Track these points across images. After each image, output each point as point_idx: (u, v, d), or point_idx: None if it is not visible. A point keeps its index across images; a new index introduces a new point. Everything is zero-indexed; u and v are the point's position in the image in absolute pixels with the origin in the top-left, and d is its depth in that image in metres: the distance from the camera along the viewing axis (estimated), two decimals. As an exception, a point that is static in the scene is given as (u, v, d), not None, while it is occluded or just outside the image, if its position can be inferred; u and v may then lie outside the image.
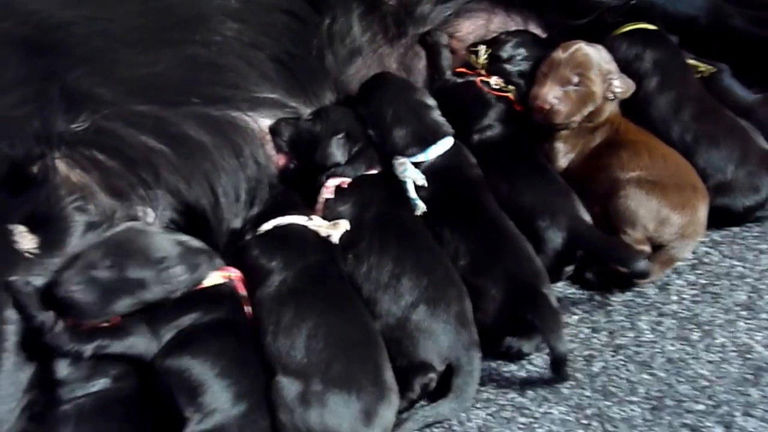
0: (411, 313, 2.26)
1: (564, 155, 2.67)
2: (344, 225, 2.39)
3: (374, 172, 2.56)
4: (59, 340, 2.00)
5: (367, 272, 2.33)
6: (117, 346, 2.05)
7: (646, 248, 2.49)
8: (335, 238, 2.36)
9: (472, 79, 2.82)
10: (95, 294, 2.06)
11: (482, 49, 2.88)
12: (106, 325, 2.08)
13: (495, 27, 3.00)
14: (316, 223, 2.40)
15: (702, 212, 2.55)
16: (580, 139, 2.67)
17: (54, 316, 2.01)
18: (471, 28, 3.00)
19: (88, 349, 2.02)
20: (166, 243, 2.19)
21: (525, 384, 2.34)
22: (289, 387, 2.07)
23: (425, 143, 2.59)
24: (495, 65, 2.84)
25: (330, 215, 2.45)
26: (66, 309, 2.04)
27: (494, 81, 2.78)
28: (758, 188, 2.64)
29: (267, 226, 2.40)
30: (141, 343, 2.07)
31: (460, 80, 2.85)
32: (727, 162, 2.65)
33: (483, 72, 2.83)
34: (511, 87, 2.77)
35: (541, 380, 2.33)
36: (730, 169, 2.64)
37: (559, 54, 2.64)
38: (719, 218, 2.66)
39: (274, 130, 2.60)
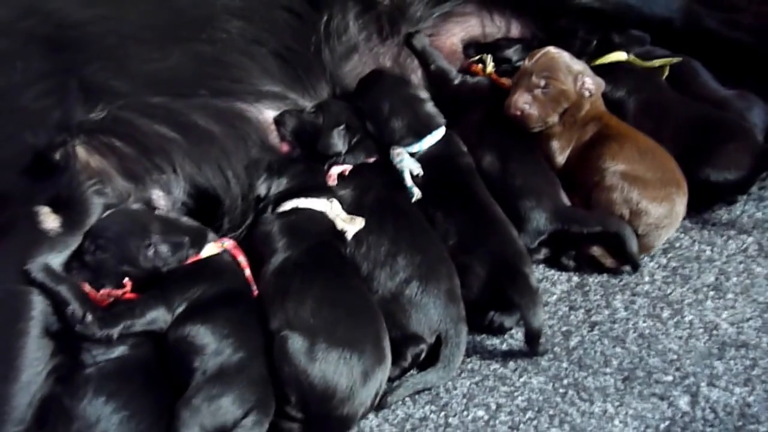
0: (404, 289, 2.36)
1: (560, 153, 2.73)
2: (360, 222, 2.45)
3: (372, 160, 2.66)
4: (90, 329, 2.13)
5: (366, 252, 2.42)
6: (139, 325, 2.19)
7: None
8: (350, 234, 2.43)
9: (483, 78, 2.93)
10: (88, 275, 2.25)
11: (488, 58, 2.98)
12: (126, 297, 2.23)
13: (482, 29, 3.09)
14: (335, 211, 2.46)
15: (679, 207, 2.62)
16: (573, 134, 2.73)
17: (81, 309, 2.14)
18: (460, 29, 3.09)
19: (116, 332, 2.16)
20: (149, 223, 2.33)
21: (507, 356, 2.42)
22: (295, 341, 2.16)
23: (420, 134, 2.69)
24: (501, 68, 2.94)
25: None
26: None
27: (506, 81, 2.87)
28: (741, 165, 2.68)
29: (287, 206, 2.48)
30: (159, 318, 2.21)
31: (474, 79, 2.94)
32: (714, 140, 2.71)
33: (494, 76, 2.92)
34: None
35: (522, 352, 2.41)
36: (716, 147, 2.70)
37: (527, 63, 2.72)
38: (702, 193, 2.71)
39: (278, 121, 2.68)
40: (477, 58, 3.02)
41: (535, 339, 2.37)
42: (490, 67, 2.95)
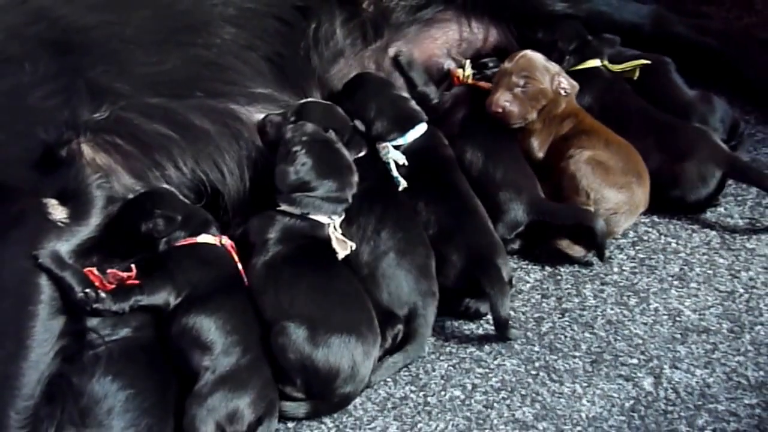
0: (382, 260, 2.48)
1: (540, 149, 2.84)
2: (347, 248, 2.51)
3: (362, 154, 2.74)
4: (105, 304, 2.25)
5: (355, 230, 2.52)
6: (147, 300, 2.31)
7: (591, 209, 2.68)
8: (341, 256, 2.49)
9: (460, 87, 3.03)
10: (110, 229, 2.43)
11: (467, 63, 3.08)
12: (130, 283, 2.34)
13: (461, 35, 3.18)
14: (333, 227, 2.52)
15: (639, 196, 2.73)
16: (552, 130, 2.84)
17: (95, 288, 2.25)
18: (441, 34, 3.17)
19: (127, 306, 2.28)
20: (170, 197, 2.49)
21: (482, 340, 2.53)
22: (296, 331, 2.27)
23: (404, 128, 2.78)
24: (481, 73, 3.05)
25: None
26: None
27: (483, 84, 2.97)
28: (706, 180, 2.76)
29: (304, 211, 2.52)
30: (163, 296, 2.33)
31: (451, 91, 3.03)
32: (677, 158, 2.78)
33: (470, 80, 3.02)
34: None
35: (496, 337, 2.51)
36: (680, 164, 2.77)
37: (506, 64, 2.86)
38: (674, 208, 2.81)
39: (261, 127, 2.73)
40: (458, 64, 3.12)
41: (503, 325, 2.47)
42: (468, 70, 3.05)
